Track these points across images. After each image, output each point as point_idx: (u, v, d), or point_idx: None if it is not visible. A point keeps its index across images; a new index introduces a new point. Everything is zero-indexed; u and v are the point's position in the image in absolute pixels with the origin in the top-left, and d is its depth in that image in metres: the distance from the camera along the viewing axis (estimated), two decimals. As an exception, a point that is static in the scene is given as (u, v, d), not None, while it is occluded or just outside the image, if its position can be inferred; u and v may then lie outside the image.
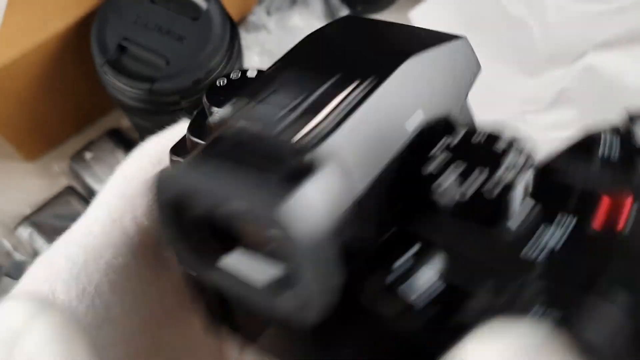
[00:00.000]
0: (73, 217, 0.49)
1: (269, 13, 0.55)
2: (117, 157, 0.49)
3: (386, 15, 0.58)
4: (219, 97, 0.20)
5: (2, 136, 0.47)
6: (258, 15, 0.54)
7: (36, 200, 0.48)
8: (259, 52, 0.54)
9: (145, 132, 0.46)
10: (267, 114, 0.17)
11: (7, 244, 0.44)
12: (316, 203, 0.14)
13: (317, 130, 0.16)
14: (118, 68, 0.39)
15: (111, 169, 0.53)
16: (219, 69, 0.40)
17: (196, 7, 0.41)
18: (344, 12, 0.55)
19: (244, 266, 0.16)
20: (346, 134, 0.16)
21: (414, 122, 0.17)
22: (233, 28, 0.42)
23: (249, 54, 0.54)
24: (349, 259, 0.15)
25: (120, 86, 0.40)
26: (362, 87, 0.17)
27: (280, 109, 0.17)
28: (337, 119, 0.16)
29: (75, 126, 0.52)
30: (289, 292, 0.15)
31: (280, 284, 0.15)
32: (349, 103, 0.16)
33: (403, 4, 0.59)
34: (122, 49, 0.40)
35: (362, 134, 0.16)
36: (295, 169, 0.15)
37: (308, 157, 0.15)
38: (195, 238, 0.16)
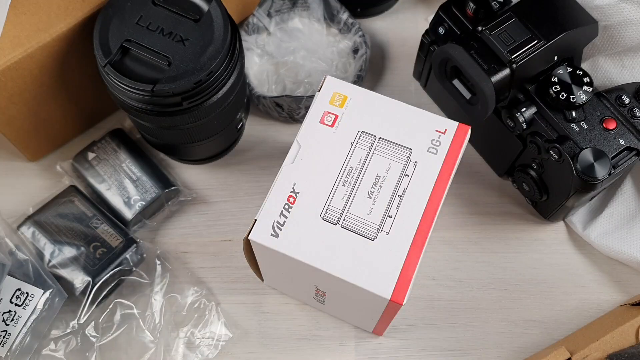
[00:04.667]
0: (75, 217, 0.50)
1: (269, 15, 0.55)
2: (119, 157, 0.49)
3: (384, 19, 0.58)
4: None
5: (5, 136, 0.47)
6: (259, 17, 0.55)
7: (39, 199, 0.48)
8: (260, 54, 0.55)
9: (148, 132, 0.46)
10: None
11: (10, 243, 0.45)
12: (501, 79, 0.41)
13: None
14: (120, 69, 0.40)
15: (113, 168, 0.54)
16: (220, 70, 0.41)
17: (198, 9, 0.42)
18: (344, 14, 0.55)
19: (461, 89, 0.45)
20: None
21: None
22: (234, 30, 0.43)
23: (249, 55, 0.54)
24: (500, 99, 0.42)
25: (122, 87, 0.40)
26: None
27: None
28: None
29: (78, 127, 0.52)
30: (477, 104, 0.44)
31: (474, 101, 0.44)
32: None
33: (400, 7, 0.59)
34: (124, 50, 0.40)
35: None
36: (499, 67, 0.41)
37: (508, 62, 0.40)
38: (448, 73, 0.45)
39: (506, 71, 0.41)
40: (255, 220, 0.37)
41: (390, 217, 0.37)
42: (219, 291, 0.47)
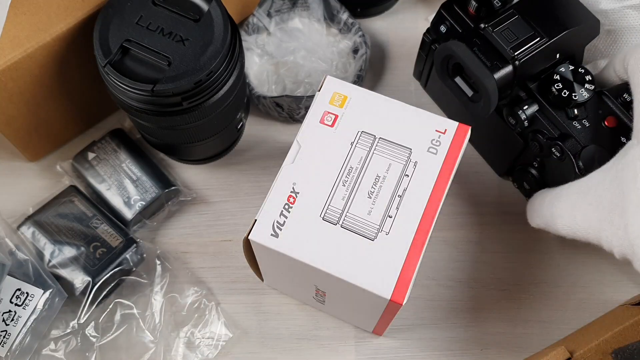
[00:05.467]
0: (75, 217, 0.50)
1: (269, 15, 0.55)
2: (119, 157, 0.49)
3: (384, 19, 0.58)
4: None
5: (5, 136, 0.47)
6: (259, 17, 0.55)
7: (39, 199, 0.48)
8: (260, 54, 0.55)
9: (148, 132, 0.46)
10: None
11: (10, 243, 0.45)
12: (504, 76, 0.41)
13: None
14: (120, 69, 0.40)
15: (113, 168, 0.54)
16: (220, 70, 0.41)
17: (198, 9, 0.42)
18: (344, 14, 0.55)
19: (463, 87, 0.44)
20: None
21: None
22: (234, 30, 0.43)
23: (249, 55, 0.54)
24: (503, 95, 0.42)
25: (122, 87, 0.40)
26: None
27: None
28: None
29: (78, 127, 0.52)
30: (479, 101, 0.43)
31: (476, 98, 0.44)
32: None
33: (400, 7, 0.59)
34: (124, 50, 0.40)
35: None
36: (501, 64, 0.41)
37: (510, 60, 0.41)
38: (450, 71, 0.44)
39: (509, 68, 0.41)
40: (255, 220, 0.37)
41: (390, 217, 0.37)
42: (219, 291, 0.47)
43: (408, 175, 0.38)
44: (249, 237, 0.36)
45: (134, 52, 0.40)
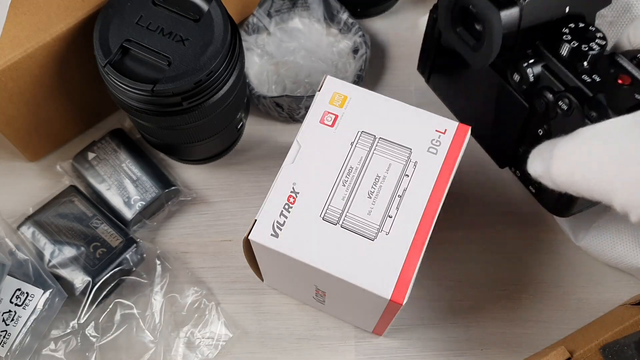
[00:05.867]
0: (75, 217, 0.50)
1: (269, 15, 0.55)
2: (119, 157, 0.49)
3: (384, 19, 0.58)
4: None
5: (5, 136, 0.47)
6: (259, 17, 0.55)
7: (39, 199, 0.48)
8: (260, 54, 0.55)
9: (148, 132, 0.46)
10: None
11: (10, 243, 0.45)
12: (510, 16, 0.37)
13: None
14: (120, 69, 0.40)
15: (113, 168, 0.54)
16: (220, 70, 0.41)
17: (198, 9, 0.42)
18: (344, 14, 0.55)
19: (465, 36, 0.42)
20: None
21: None
22: (234, 30, 0.43)
23: (249, 55, 0.54)
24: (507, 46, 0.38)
25: (122, 87, 0.40)
26: None
27: None
28: None
29: (78, 127, 0.52)
30: (482, 48, 0.39)
31: (478, 46, 0.40)
32: None
33: (400, 7, 0.59)
34: (124, 50, 0.40)
35: None
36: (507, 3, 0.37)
37: None
38: (456, 19, 0.41)
39: (515, 8, 0.38)
40: (255, 220, 0.37)
41: (390, 217, 0.37)
42: (219, 291, 0.47)
43: (408, 175, 0.38)
44: (249, 237, 0.36)
45: (134, 52, 0.40)
